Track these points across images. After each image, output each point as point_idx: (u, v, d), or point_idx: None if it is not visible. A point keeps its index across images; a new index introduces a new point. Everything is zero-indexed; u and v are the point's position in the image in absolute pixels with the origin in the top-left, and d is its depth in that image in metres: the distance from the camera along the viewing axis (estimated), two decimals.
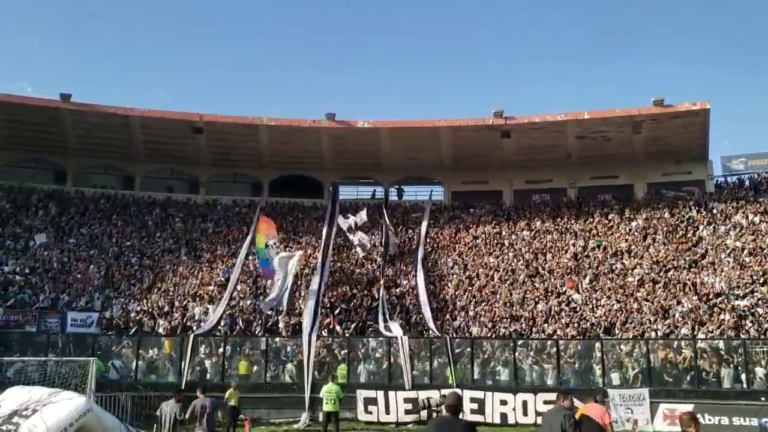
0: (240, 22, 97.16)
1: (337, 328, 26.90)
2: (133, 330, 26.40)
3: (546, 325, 27.04)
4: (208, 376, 24.11)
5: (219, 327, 26.55)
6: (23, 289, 28.63)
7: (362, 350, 25.09)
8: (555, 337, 25.63)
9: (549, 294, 29.47)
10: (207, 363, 24.47)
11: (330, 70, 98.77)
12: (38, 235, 33.63)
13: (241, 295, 29.94)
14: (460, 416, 7.55)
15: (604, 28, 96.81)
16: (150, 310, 28.02)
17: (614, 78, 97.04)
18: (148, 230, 36.64)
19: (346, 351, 24.52)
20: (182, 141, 39.72)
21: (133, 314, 27.58)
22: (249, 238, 32.69)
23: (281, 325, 27.29)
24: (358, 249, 33.56)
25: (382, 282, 29.98)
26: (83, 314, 27.25)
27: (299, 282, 30.36)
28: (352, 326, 26.96)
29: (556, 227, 36.52)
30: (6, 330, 25.75)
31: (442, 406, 8.10)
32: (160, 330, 26.79)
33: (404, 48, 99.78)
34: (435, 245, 35.91)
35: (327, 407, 18.70)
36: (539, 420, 19.95)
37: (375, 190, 43.53)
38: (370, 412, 21.59)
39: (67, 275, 30.63)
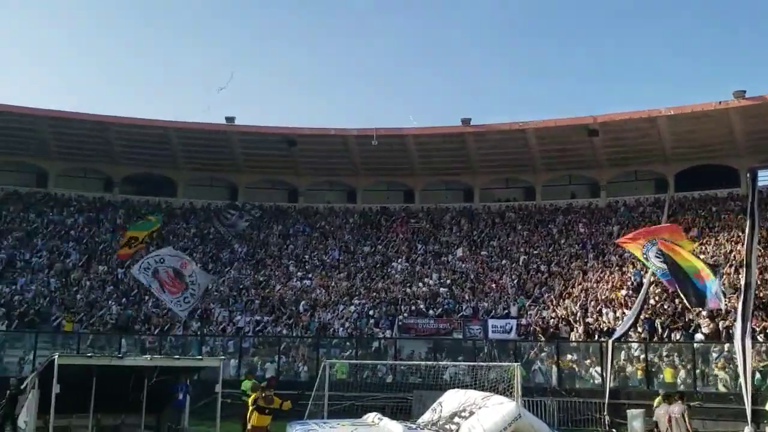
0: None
1: None
2: (549, 336, 26.91)
3: None
4: (630, 382, 23.36)
5: (633, 332, 25.42)
6: (447, 299, 31.54)
7: None
8: None
9: None
10: (628, 369, 23.60)
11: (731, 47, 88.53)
12: (457, 249, 36.83)
13: (656, 298, 28.22)
14: None
15: None
16: (564, 316, 28.23)
17: None
18: (553, 238, 37.27)
19: None
20: (578, 145, 39.62)
21: (548, 320, 28.13)
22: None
23: (703, 329, 24.87)
24: None
25: None
26: (502, 321, 28.75)
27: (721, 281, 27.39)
28: None
29: None
30: (437, 336, 28.57)
31: None
32: (575, 336, 26.82)
33: None
34: None
35: None
36: None
37: None
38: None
39: (483, 285, 32.81)
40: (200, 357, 23.41)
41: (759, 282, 26.70)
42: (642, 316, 25.92)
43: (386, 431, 13.19)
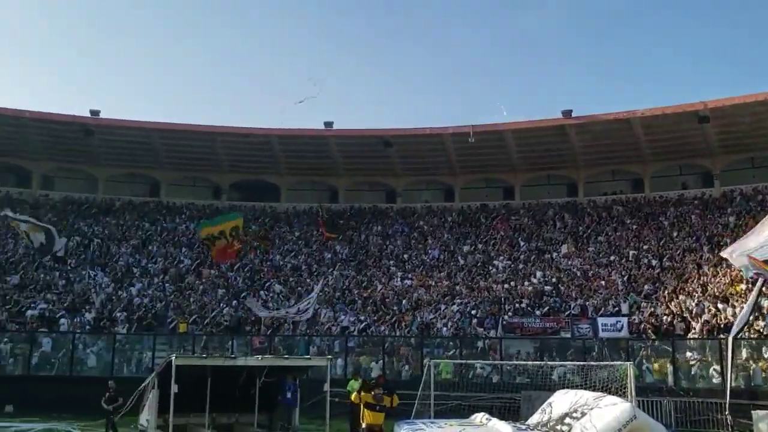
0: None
1: None
2: (662, 333, 25.70)
3: None
4: (753, 381, 22.00)
5: (749, 328, 23.83)
6: (553, 297, 30.70)
7: None
8: None
9: None
10: (753, 368, 22.19)
11: None
12: (561, 246, 35.81)
13: None
14: None
15: None
16: (679, 312, 26.86)
17: None
18: (664, 231, 35.60)
19: None
20: (688, 133, 37.74)
21: (661, 317, 26.85)
22: None
23: None
24: None
25: None
26: (612, 319, 27.66)
27: None
28: None
29: None
30: (543, 336, 27.90)
31: None
32: (691, 333, 25.49)
33: None
34: None
35: None
36: None
37: None
38: None
39: (591, 282, 31.72)
40: (308, 357, 23.89)
41: None
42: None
43: None
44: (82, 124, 39.54)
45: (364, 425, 13.51)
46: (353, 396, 14.02)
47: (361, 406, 13.58)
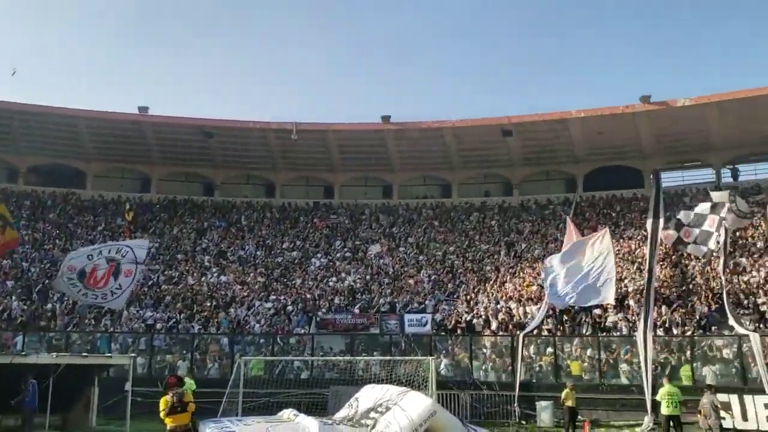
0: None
1: (673, 327, 24.68)
2: (463, 329, 27.26)
3: None
4: (540, 376, 24.03)
5: (543, 326, 26.17)
6: (365, 294, 31.60)
7: (705, 350, 22.67)
8: None
9: None
10: (538, 363, 24.31)
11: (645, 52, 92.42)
12: (373, 245, 36.98)
13: None
14: None
15: None
16: (479, 311, 28.81)
17: None
18: (467, 235, 38.03)
19: (688, 351, 22.37)
20: (493, 145, 40.72)
21: (463, 315, 28.61)
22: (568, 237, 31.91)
23: (616, 323, 25.92)
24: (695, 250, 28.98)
25: (723, 276, 26.55)
26: (418, 316, 29.03)
27: (625, 276, 28.76)
28: (693, 323, 24.53)
29: None
30: (354, 332, 28.52)
31: None
32: (489, 330, 27.34)
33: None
34: None
35: (668, 410, 17.43)
36: None
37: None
38: (723, 418, 19.30)
39: (400, 281, 33.08)
40: (110, 354, 22.61)
41: (662, 277, 28.16)
42: (548, 311, 26.59)
43: (302, 427, 12.98)
44: None
45: (168, 428, 12.52)
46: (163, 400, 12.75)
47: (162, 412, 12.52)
